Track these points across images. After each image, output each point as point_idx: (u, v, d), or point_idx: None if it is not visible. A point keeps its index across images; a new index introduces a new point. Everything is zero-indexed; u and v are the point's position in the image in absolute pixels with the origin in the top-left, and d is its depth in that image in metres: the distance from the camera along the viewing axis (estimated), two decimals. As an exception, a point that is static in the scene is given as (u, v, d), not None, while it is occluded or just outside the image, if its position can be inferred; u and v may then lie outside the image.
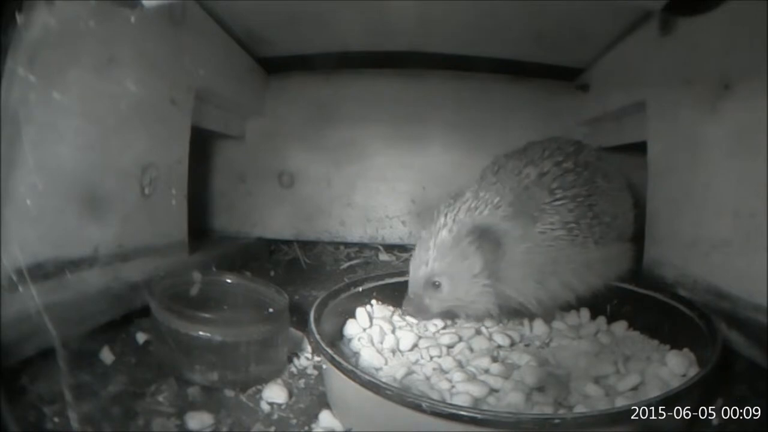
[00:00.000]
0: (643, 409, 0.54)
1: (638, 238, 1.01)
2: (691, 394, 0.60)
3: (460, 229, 0.82)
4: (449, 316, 0.90)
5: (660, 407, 0.54)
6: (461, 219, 0.83)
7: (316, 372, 0.78)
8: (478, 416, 0.53)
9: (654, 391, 0.63)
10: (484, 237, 0.81)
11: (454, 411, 0.54)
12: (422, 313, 0.86)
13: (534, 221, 0.83)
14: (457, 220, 0.83)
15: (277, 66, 1.43)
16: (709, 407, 0.65)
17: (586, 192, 0.88)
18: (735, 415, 0.63)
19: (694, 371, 0.69)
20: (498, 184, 0.87)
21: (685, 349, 0.75)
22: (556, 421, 0.53)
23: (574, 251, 0.84)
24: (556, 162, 0.90)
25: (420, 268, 0.84)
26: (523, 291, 0.83)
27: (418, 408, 0.54)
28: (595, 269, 0.86)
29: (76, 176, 0.76)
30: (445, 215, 0.84)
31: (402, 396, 0.56)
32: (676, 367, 0.70)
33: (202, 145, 1.26)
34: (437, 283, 0.83)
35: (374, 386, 0.58)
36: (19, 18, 0.59)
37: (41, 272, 0.69)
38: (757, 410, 0.60)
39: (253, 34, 1.24)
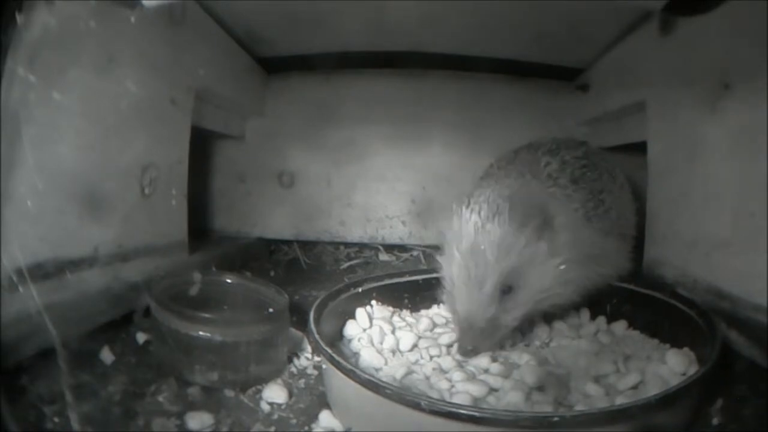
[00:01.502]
0: (643, 407, 0.54)
1: (639, 241, 1.01)
2: (691, 392, 0.60)
3: (519, 215, 0.73)
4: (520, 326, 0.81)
5: (659, 405, 0.54)
6: (514, 204, 0.74)
7: (316, 372, 0.78)
8: (477, 414, 0.53)
9: (654, 390, 0.63)
10: (545, 218, 0.75)
11: (452, 409, 0.54)
12: (492, 337, 0.75)
13: (568, 202, 0.82)
14: (508, 209, 0.73)
15: (277, 66, 1.43)
16: (710, 407, 0.66)
17: (599, 187, 0.88)
18: (735, 415, 0.64)
19: (694, 369, 0.68)
20: (515, 174, 0.85)
21: (685, 348, 0.74)
22: (555, 419, 0.53)
23: (592, 235, 0.83)
24: (574, 156, 0.90)
25: (485, 281, 0.72)
26: (580, 270, 0.79)
27: (416, 407, 0.54)
28: (607, 258, 0.86)
29: (76, 176, 0.76)
30: (479, 213, 0.74)
31: (401, 395, 0.56)
32: (676, 365, 0.70)
33: (202, 145, 1.26)
34: (507, 288, 0.74)
35: (373, 385, 0.58)
36: (19, 18, 0.59)
37: (41, 272, 0.68)
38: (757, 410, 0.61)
39: (253, 34, 1.24)
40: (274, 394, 0.70)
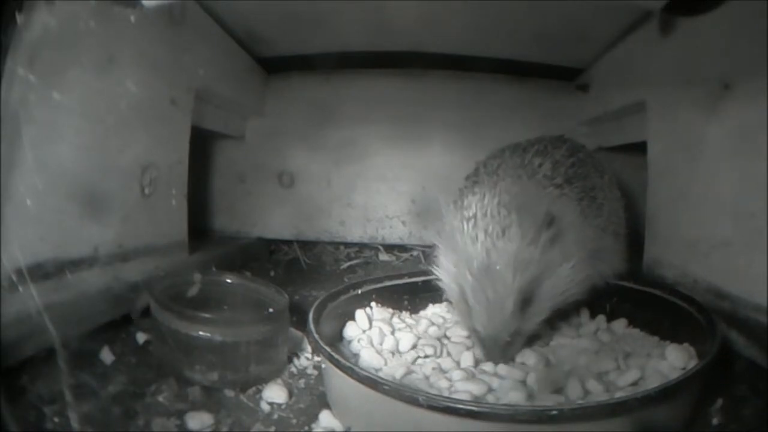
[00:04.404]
0: (642, 399, 0.53)
1: (633, 240, 1.01)
2: (691, 385, 0.60)
3: (531, 227, 0.71)
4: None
5: (659, 397, 0.54)
6: (523, 215, 0.71)
7: (316, 372, 0.78)
8: (475, 409, 0.53)
9: (654, 385, 0.63)
10: (555, 223, 0.73)
11: (450, 404, 0.53)
12: (515, 346, 0.75)
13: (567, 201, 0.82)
14: (517, 222, 0.71)
15: (277, 66, 1.43)
16: (710, 407, 0.66)
17: (590, 185, 0.88)
18: (735, 415, 0.64)
19: (694, 364, 0.68)
20: (510, 178, 0.83)
21: (685, 344, 0.74)
22: (554, 412, 0.52)
23: (591, 232, 0.82)
24: (562, 155, 0.90)
25: (505, 301, 0.70)
26: (586, 267, 0.78)
27: (414, 402, 0.54)
28: (604, 255, 0.85)
29: (76, 176, 0.76)
30: (485, 230, 0.71)
31: (399, 390, 0.56)
32: (675, 360, 0.70)
33: (202, 145, 1.26)
34: (526, 300, 0.72)
35: (371, 381, 0.58)
36: (19, 18, 0.59)
37: (41, 272, 0.69)
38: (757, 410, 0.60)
39: (253, 34, 1.24)
40: (274, 394, 0.70)
